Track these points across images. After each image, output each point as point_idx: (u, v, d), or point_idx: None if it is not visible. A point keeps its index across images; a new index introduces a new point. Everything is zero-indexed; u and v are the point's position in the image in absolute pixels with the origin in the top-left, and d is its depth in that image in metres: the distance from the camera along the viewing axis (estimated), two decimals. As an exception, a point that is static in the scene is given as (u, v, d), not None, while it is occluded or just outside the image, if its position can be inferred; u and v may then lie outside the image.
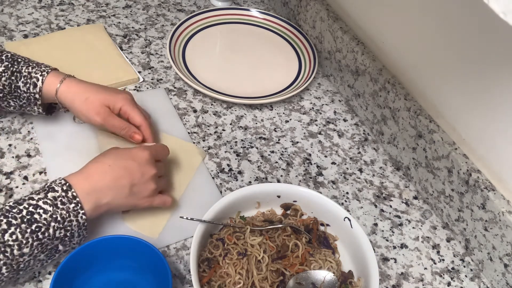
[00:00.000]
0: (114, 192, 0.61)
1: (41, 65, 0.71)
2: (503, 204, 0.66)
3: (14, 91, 0.70)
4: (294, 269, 0.63)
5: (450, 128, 0.75)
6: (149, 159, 0.65)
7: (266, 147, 0.85)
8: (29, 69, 0.70)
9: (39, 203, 0.56)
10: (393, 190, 0.82)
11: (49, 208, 0.56)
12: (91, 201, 0.59)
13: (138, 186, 0.63)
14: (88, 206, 0.59)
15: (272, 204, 0.72)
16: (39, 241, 0.55)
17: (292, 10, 1.10)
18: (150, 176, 0.64)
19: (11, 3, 1.03)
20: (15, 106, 0.72)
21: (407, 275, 0.70)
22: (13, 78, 0.69)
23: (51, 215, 0.56)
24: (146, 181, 0.64)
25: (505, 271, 0.67)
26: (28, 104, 0.72)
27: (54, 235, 0.56)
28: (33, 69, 0.70)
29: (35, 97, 0.70)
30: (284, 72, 0.99)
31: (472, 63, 0.68)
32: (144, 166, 0.64)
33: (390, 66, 0.86)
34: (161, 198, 0.67)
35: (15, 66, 0.70)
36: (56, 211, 0.56)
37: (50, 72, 0.71)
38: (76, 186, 0.59)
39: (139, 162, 0.64)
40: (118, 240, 0.61)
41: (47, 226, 0.55)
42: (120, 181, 0.61)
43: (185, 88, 0.93)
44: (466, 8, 0.66)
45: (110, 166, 0.62)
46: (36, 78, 0.69)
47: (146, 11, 1.09)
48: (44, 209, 0.56)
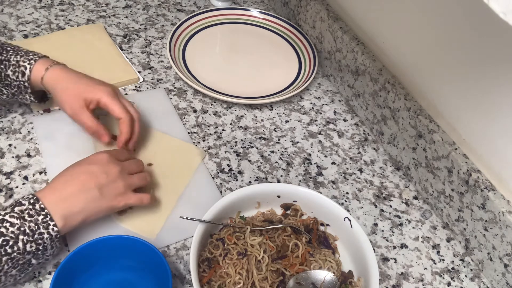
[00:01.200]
0: (83, 197, 0.60)
1: (29, 53, 0.72)
2: (503, 204, 0.66)
3: (5, 79, 0.71)
4: (294, 269, 0.63)
5: (450, 128, 0.75)
6: (109, 159, 0.64)
7: (266, 147, 0.85)
8: (17, 57, 0.71)
9: (5, 217, 0.55)
10: (393, 190, 0.82)
11: (16, 221, 0.54)
12: (61, 211, 0.57)
13: (106, 187, 0.62)
14: (58, 217, 0.57)
15: (272, 204, 0.72)
16: (8, 255, 0.53)
17: (292, 10, 1.10)
18: (116, 174, 0.63)
19: (11, 3, 1.03)
20: (7, 94, 0.73)
21: (407, 275, 0.70)
22: (2, 66, 0.70)
23: (19, 227, 0.54)
24: (113, 179, 0.62)
25: (505, 271, 0.67)
26: (19, 92, 0.72)
27: (25, 249, 0.54)
28: (21, 58, 0.71)
29: (25, 85, 0.71)
30: (284, 72, 0.99)
31: (472, 63, 0.68)
32: (106, 166, 0.63)
33: (390, 66, 0.86)
34: (137, 196, 0.65)
35: (4, 55, 0.71)
36: (24, 223, 0.55)
37: (38, 60, 0.71)
38: (43, 199, 0.57)
39: (99, 163, 0.63)
40: (118, 240, 0.61)
41: (15, 240, 0.54)
42: (87, 185, 0.60)
43: (185, 88, 0.93)
44: (466, 8, 0.66)
45: (72, 175, 0.61)
46: (24, 66, 0.70)
47: (146, 11, 1.09)
48: (10, 222, 0.54)
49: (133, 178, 0.66)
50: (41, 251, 0.56)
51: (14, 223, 0.54)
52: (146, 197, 0.66)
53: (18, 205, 0.56)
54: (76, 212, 0.59)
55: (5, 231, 0.54)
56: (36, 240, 0.55)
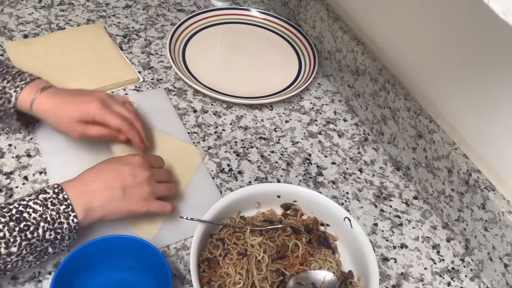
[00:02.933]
0: (106, 195, 0.60)
1: (16, 78, 0.70)
2: (503, 204, 0.66)
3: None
4: (294, 269, 0.63)
5: (450, 128, 0.75)
6: (141, 163, 0.64)
7: (266, 147, 0.85)
8: (4, 83, 0.69)
9: (29, 203, 0.56)
10: (393, 190, 0.82)
11: (39, 208, 0.56)
12: (83, 204, 0.58)
13: (131, 189, 0.62)
14: (79, 209, 0.58)
15: (272, 204, 0.72)
16: (28, 241, 0.54)
17: (292, 10, 1.10)
18: (143, 179, 0.63)
19: (11, 3, 1.03)
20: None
21: (407, 275, 0.70)
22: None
23: (41, 214, 0.56)
24: (139, 183, 0.63)
25: (505, 271, 0.67)
26: (6, 117, 0.71)
27: (44, 237, 0.56)
28: (8, 83, 0.69)
29: (11, 112, 0.69)
30: (284, 72, 0.99)
31: (472, 63, 0.68)
32: (136, 169, 0.63)
33: (390, 66, 0.86)
34: (159, 203, 0.65)
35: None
36: (46, 211, 0.56)
37: (25, 88, 0.69)
38: (68, 190, 0.59)
39: (130, 165, 0.63)
40: (118, 240, 0.61)
41: (36, 226, 0.55)
42: (112, 183, 0.61)
43: (185, 88, 0.93)
44: (466, 8, 0.66)
45: (101, 170, 0.62)
46: (9, 94, 0.68)
47: (146, 11, 1.09)
48: (33, 208, 0.56)
49: (160, 187, 0.66)
50: (58, 241, 0.57)
51: (37, 210, 0.56)
52: (168, 206, 0.66)
53: (43, 193, 0.58)
54: (97, 208, 0.60)
55: (28, 216, 0.55)
56: (56, 229, 0.56)
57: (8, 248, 0.53)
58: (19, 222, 0.54)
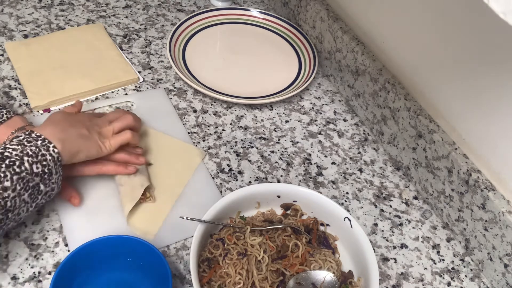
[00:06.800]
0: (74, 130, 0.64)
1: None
2: (503, 204, 0.66)
3: None
4: (294, 269, 0.63)
5: (450, 128, 0.75)
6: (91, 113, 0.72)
7: (266, 147, 0.85)
8: None
9: (6, 145, 0.58)
10: (393, 190, 0.82)
11: (17, 147, 0.58)
12: (56, 137, 0.61)
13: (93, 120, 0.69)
14: (55, 140, 0.61)
15: (272, 204, 0.72)
16: (18, 175, 0.56)
17: (292, 10, 1.10)
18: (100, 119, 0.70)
19: (11, 3, 1.03)
20: None
21: (407, 275, 0.70)
22: None
23: (21, 151, 0.58)
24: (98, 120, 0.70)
25: (505, 271, 0.67)
26: None
27: (32, 170, 0.57)
28: None
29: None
30: (284, 72, 0.99)
31: (472, 63, 0.68)
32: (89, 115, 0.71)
33: (390, 66, 0.86)
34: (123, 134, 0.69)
35: None
36: (25, 148, 0.58)
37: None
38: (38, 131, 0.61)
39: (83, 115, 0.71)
40: (118, 240, 0.61)
41: (21, 160, 0.57)
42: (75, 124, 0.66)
43: (185, 88, 0.93)
44: (466, 8, 0.66)
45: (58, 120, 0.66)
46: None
47: (146, 11, 1.09)
48: (12, 148, 0.58)
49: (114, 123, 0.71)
50: (47, 175, 0.59)
51: (16, 148, 0.58)
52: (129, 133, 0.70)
53: (15, 138, 0.60)
54: (71, 139, 0.63)
55: (9, 154, 0.57)
56: (41, 161, 0.58)
57: (2, 183, 0.54)
58: (3, 160, 0.56)
